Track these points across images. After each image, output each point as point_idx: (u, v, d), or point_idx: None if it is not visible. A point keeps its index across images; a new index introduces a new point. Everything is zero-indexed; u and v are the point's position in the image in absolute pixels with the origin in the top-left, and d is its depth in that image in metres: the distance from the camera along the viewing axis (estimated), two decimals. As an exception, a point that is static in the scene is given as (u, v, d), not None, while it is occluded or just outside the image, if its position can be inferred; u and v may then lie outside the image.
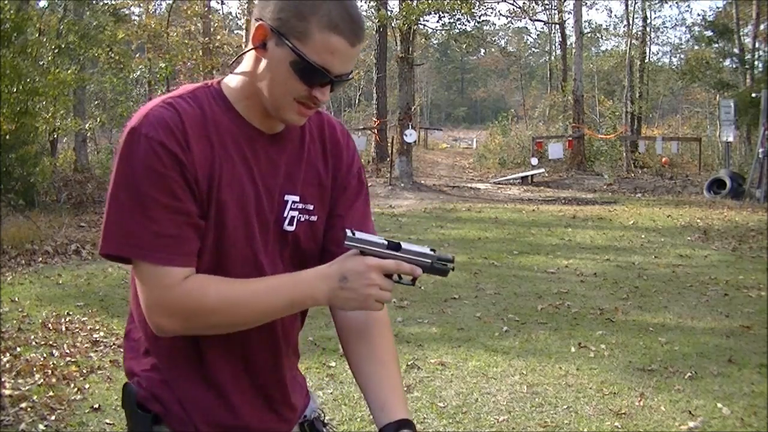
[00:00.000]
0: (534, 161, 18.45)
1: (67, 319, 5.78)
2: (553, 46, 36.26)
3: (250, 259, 1.36)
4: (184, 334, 1.33)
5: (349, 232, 1.31)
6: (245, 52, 1.34)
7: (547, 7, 28.21)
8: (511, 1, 24.03)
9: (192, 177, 1.27)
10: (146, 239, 1.25)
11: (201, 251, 1.32)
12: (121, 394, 1.43)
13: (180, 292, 1.27)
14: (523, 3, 24.73)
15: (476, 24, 22.33)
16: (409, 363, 4.81)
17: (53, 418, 3.88)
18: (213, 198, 1.30)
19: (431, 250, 1.37)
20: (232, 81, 1.37)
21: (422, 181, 17.64)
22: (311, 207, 1.43)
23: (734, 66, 21.71)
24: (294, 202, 1.41)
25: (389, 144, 18.39)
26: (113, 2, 17.72)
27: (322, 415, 1.60)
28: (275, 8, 1.27)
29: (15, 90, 9.71)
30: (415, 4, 16.16)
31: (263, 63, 1.31)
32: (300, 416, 1.53)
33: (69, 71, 12.58)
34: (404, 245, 1.34)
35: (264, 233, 1.37)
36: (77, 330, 5.51)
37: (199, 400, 1.38)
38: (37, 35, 13.64)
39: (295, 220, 1.42)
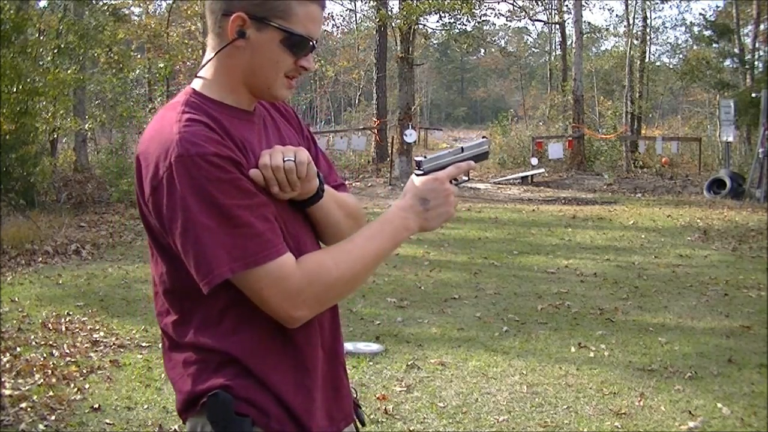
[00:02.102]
0: (534, 161, 18.43)
1: (67, 319, 5.78)
2: (553, 46, 36.27)
3: (293, 236, 1.41)
4: (316, 314, 1.36)
5: (423, 158, 1.45)
6: (223, 48, 1.37)
7: (547, 7, 28.22)
8: (511, 1, 24.04)
9: (246, 171, 1.32)
10: (249, 246, 1.27)
11: None
12: (205, 407, 1.35)
13: (301, 276, 1.31)
14: (523, 3, 24.73)
15: (476, 24, 22.31)
16: (409, 363, 4.81)
17: (53, 418, 3.89)
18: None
19: (461, 148, 1.51)
20: (209, 83, 1.40)
21: (422, 181, 17.62)
22: None
23: (734, 66, 21.70)
24: None
25: (389, 144, 18.39)
26: (113, 2, 17.71)
27: (356, 392, 1.65)
28: None
29: (15, 90, 9.73)
30: (415, 4, 16.15)
31: (244, 51, 1.36)
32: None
33: (69, 71, 12.59)
34: (429, 155, 1.47)
35: (293, 206, 1.43)
36: (77, 330, 5.51)
37: (296, 386, 1.38)
38: (37, 35, 13.65)
39: None
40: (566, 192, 16.15)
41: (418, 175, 1.45)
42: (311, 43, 1.37)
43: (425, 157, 1.46)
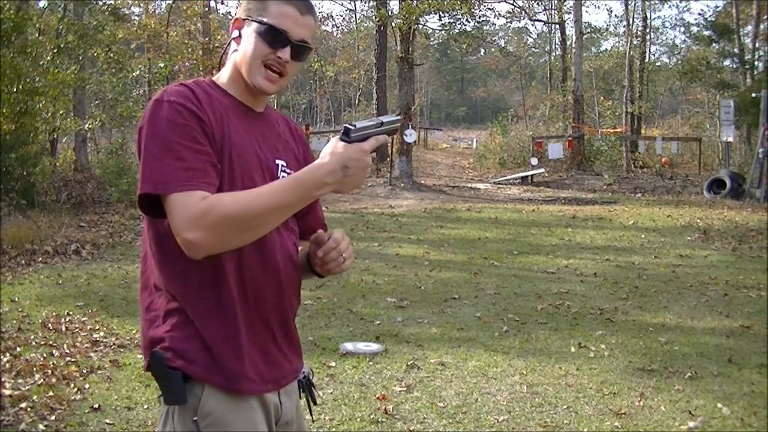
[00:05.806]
0: (534, 161, 18.44)
1: (67, 319, 5.78)
2: (553, 46, 36.28)
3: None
4: (215, 247, 1.50)
5: (352, 127, 1.54)
6: (227, 46, 1.70)
7: (546, 7, 28.23)
8: (511, 1, 24.04)
9: (209, 130, 1.55)
10: (176, 175, 1.48)
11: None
12: (149, 366, 1.59)
13: (201, 205, 1.48)
14: (523, 3, 24.73)
15: (476, 24, 22.31)
16: (409, 363, 4.81)
17: (53, 418, 3.88)
18: (226, 152, 1.57)
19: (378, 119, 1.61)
20: (221, 74, 1.71)
21: (422, 181, 17.64)
22: (291, 171, 1.69)
23: (734, 66, 21.69)
24: (282, 165, 1.71)
25: (389, 144, 18.38)
26: (112, 2, 17.68)
27: (312, 374, 1.85)
28: (244, 5, 1.66)
29: (15, 90, 9.71)
30: (415, 4, 16.15)
31: (239, 46, 1.66)
32: (299, 373, 1.78)
33: (69, 71, 12.58)
34: (357, 124, 1.55)
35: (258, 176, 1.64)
36: (77, 330, 5.51)
37: (225, 338, 1.58)
38: (37, 35, 13.63)
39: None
40: (566, 192, 16.16)
41: (343, 140, 1.53)
42: (285, 35, 1.61)
43: (355, 126, 1.54)
